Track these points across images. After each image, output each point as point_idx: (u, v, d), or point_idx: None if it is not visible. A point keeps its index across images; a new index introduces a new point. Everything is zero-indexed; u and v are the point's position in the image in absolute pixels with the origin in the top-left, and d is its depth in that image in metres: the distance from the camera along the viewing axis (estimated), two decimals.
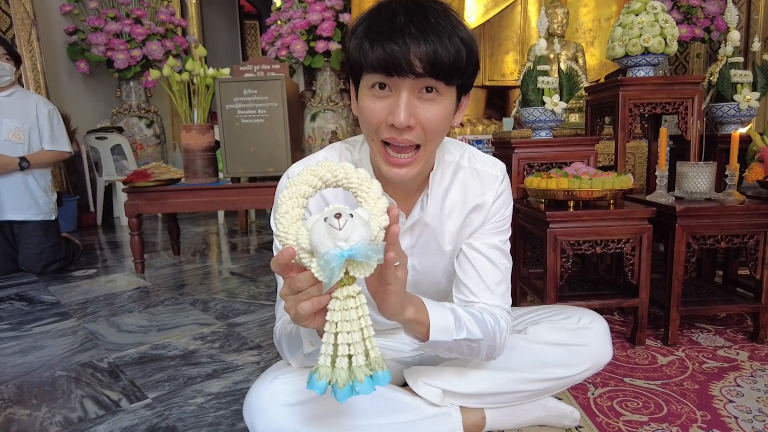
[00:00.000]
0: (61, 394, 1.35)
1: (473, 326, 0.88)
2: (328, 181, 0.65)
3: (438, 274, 1.02)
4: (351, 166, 0.66)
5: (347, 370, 0.64)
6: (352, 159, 0.94)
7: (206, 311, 1.98)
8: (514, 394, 1.02)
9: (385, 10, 0.75)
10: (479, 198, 0.96)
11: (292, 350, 0.90)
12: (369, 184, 0.66)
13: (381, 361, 0.65)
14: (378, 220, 0.64)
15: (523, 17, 3.54)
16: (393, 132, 0.78)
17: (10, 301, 2.20)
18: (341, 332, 0.63)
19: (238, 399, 1.29)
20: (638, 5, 1.75)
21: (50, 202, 2.72)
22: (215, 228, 3.94)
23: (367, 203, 0.65)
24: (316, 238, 0.60)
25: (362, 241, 0.60)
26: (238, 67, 2.61)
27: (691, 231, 1.47)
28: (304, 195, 0.64)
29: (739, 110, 1.83)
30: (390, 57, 0.72)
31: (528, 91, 1.84)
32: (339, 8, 3.93)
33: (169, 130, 4.97)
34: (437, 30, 0.73)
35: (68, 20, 4.26)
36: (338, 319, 0.63)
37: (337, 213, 0.60)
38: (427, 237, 0.97)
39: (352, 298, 0.64)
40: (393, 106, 0.77)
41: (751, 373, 1.33)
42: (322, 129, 4.11)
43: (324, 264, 0.59)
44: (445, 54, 0.73)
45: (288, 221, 0.63)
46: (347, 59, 0.81)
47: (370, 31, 0.75)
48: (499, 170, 0.98)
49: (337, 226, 0.59)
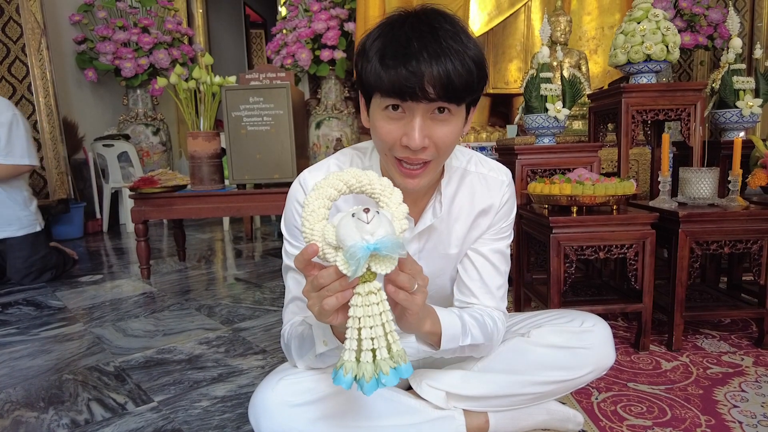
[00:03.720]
0: (68, 397, 1.37)
1: (476, 331, 0.92)
2: (353, 186, 0.69)
3: (444, 278, 1.03)
4: (375, 174, 0.70)
5: (372, 363, 0.66)
6: (363, 165, 0.95)
7: (211, 316, 1.99)
8: (518, 397, 1.03)
9: (398, 33, 0.76)
10: (487, 201, 0.98)
11: (302, 351, 0.91)
12: (391, 191, 0.70)
13: (403, 353, 0.68)
14: (399, 223, 0.67)
15: (526, 25, 3.56)
16: (407, 152, 0.81)
17: (18, 306, 2.22)
18: (364, 327, 0.66)
19: (243, 403, 1.30)
20: (640, 13, 1.77)
21: (31, 214, 2.56)
22: (220, 234, 3.96)
23: (389, 207, 0.68)
24: (344, 231, 0.63)
25: (388, 236, 0.63)
26: (245, 75, 2.64)
27: (694, 236, 1.47)
28: (329, 197, 0.67)
29: (741, 117, 1.84)
30: (405, 84, 0.74)
31: (531, 99, 1.85)
32: (344, 17, 3.97)
33: (175, 137, 5.01)
34: (450, 53, 0.74)
35: (77, 29, 4.32)
36: (361, 314, 0.66)
37: (365, 208, 0.63)
38: (434, 242, 0.98)
39: (373, 294, 0.66)
40: (407, 127, 0.79)
41: (756, 379, 1.33)
42: (327, 136, 4.13)
43: (350, 256, 0.62)
44: (457, 78, 0.75)
45: (314, 219, 0.66)
46: (359, 78, 0.82)
47: (384, 56, 0.75)
48: (505, 175, 1.00)
49: (365, 220, 0.62)
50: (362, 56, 0.80)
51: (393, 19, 0.78)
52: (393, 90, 0.75)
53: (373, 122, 0.83)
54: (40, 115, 3.70)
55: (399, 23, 0.77)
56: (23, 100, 3.65)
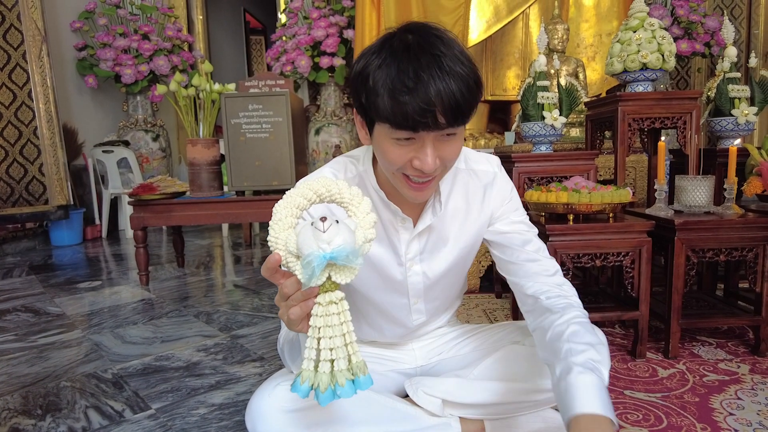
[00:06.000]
0: (65, 404, 1.37)
1: (591, 350, 0.82)
2: (323, 195, 0.69)
3: (450, 276, 1.05)
4: (345, 184, 0.70)
5: (329, 374, 0.66)
6: (357, 171, 0.96)
7: (210, 323, 2.00)
8: (514, 404, 1.03)
9: (403, 66, 0.75)
10: (488, 206, 1.00)
11: (293, 356, 0.92)
12: (359, 200, 0.70)
13: (363, 365, 0.68)
14: (365, 232, 0.68)
15: (524, 33, 3.58)
16: (418, 172, 0.82)
17: (17, 312, 2.22)
18: (323, 337, 0.66)
19: (241, 410, 1.30)
20: (636, 22, 1.79)
21: None
22: (219, 241, 3.97)
23: (356, 216, 0.69)
24: (302, 240, 0.64)
25: (345, 245, 0.63)
26: (244, 83, 2.65)
27: (690, 244, 1.48)
28: (298, 206, 0.67)
29: (737, 125, 1.85)
30: (419, 120, 0.75)
31: (528, 107, 1.87)
32: (343, 25, 3.99)
33: (174, 143, 5.02)
34: (455, 79, 0.75)
35: (78, 36, 4.34)
36: (321, 324, 0.66)
37: (322, 217, 0.64)
38: (434, 241, 1.00)
39: (334, 304, 0.66)
40: (419, 152, 0.80)
41: (752, 386, 1.33)
42: (326, 143, 4.15)
43: (305, 264, 0.62)
44: (465, 103, 0.76)
45: (280, 228, 0.66)
46: (359, 103, 0.82)
47: (394, 91, 0.75)
48: (494, 166, 1.02)
49: (321, 229, 0.63)
50: (364, 84, 0.79)
51: (393, 45, 0.77)
52: (406, 124, 0.76)
53: (379, 145, 0.83)
54: (40, 122, 3.72)
55: (401, 51, 0.76)
56: (23, 107, 3.66)
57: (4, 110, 3.57)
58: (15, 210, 3.64)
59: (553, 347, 0.85)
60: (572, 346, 0.82)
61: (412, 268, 1.00)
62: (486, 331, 1.15)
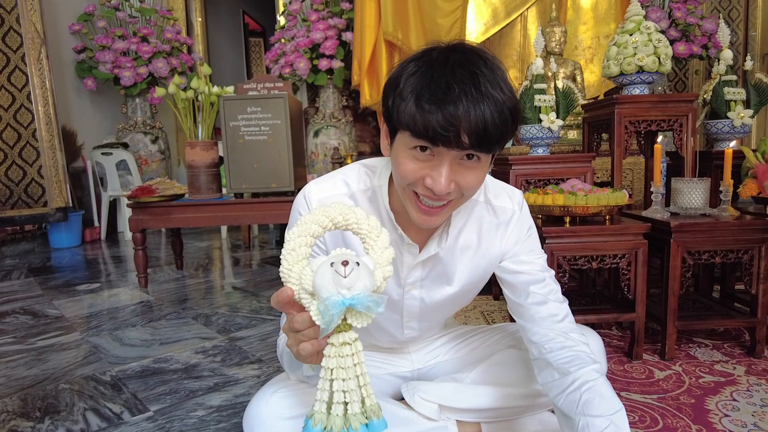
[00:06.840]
0: (64, 406, 1.37)
1: (607, 401, 0.84)
2: (339, 224, 0.65)
3: (446, 306, 1.02)
4: (363, 213, 0.67)
5: (342, 417, 0.63)
6: (370, 184, 0.91)
7: (208, 325, 2.00)
8: (510, 408, 1.03)
9: (437, 75, 0.71)
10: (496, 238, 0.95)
11: (293, 367, 0.91)
12: (378, 233, 0.66)
13: (377, 409, 0.65)
14: (383, 271, 0.64)
15: (522, 35, 3.60)
16: (430, 192, 0.77)
17: (15, 314, 2.23)
18: (336, 379, 0.63)
19: (239, 412, 1.30)
20: (632, 25, 1.80)
21: None
22: (218, 243, 3.97)
23: (374, 251, 0.65)
24: (320, 282, 0.60)
25: (365, 292, 0.60)
26: (242, 85, 2.66)
27: (686, 246, 1.49)
28: (313, 234, 0.64)
29: (733, 127, 1.86)
30: (440, 131, 0.70)
31: (525, 109, 1.87)
32: (342, 27, 4.00)
33: (173, 146, 5.03)
34: (488, 101, 0.70)
35: (77, 39, 4.35)
36: (333, 365, 0.63)
37: (344, 260, 0.60)
38: (438, 271, 0.96)
39: (348, 345, 0.63)
40: (433, 171, 0.75)
41: (747, 388, 1.34)
42: (324, 145, 4.16)
43: (324, 309, 0.59)
44: (493, 128, 0.71)
45: (293, 259, 0.62)
46: (387, 111, 0.78)
47: (420, 98, 0.71)
48: (515, 203, 0.96)
49: (342, 274, 0.59)
50: (395, 90, 0.75)
51: (432, 57, 0.74)
52: (426, 134, 0.71)
53: (396, 156, 0.79)
54: (39, 124, 3.72)
55: (439, 63, 0.72)
56: (22, 109, 3.66)
57: (3, 113, 3.58)
58: (14, 212, 3.64)
59: (569, 423, 0.85)
60: (588, 420, 0.82)
61: (411, 292, 0.97)
62: (483, 334, 1.16)
